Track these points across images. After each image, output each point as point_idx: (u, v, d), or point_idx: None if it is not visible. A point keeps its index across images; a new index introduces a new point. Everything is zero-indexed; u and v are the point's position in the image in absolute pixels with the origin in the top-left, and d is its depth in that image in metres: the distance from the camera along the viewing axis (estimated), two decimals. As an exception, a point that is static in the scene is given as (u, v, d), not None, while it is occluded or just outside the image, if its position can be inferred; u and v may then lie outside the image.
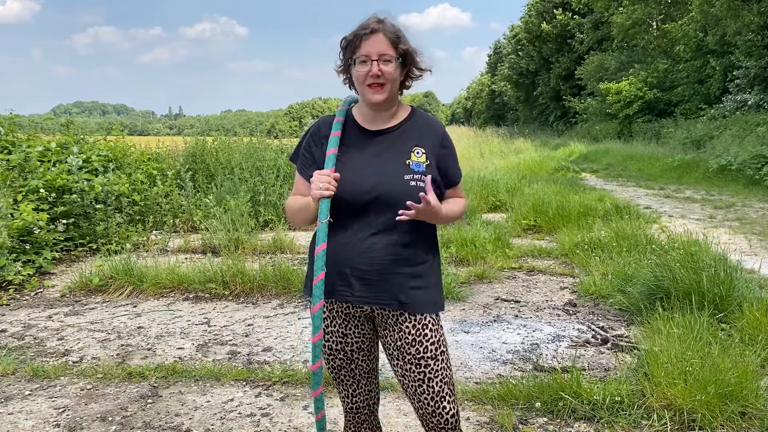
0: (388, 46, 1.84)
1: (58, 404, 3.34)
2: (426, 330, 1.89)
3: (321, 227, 1.80)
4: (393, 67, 1.84)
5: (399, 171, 1.85)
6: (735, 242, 6.80)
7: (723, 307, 4.05)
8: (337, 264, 1.86)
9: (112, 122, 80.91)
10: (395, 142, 1.92)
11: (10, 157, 7.00)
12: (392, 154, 1.89)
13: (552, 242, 7.27)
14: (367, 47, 1.83)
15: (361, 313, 1.93)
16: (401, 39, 1.87)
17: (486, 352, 3.98)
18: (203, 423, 3.10)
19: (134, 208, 7.91)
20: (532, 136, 32.14)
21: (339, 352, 1.98)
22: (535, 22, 40.58)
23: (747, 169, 12.53)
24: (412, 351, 1.89)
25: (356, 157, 1.90)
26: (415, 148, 1.90)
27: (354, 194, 1.83)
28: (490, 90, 60.11)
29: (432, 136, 1.95)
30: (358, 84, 1.87)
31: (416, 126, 1.96)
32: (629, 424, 2.94)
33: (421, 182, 1.84)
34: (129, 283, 5.52)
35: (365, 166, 1.87)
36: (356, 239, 1.85)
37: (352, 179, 1.84)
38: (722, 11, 18.77)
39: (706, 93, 22.69)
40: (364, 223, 1.85)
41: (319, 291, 1.77)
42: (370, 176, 1.84)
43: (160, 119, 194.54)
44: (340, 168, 1.85)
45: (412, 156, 1.89)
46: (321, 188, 1.78)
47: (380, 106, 1.88)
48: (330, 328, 1.97)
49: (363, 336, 1.98)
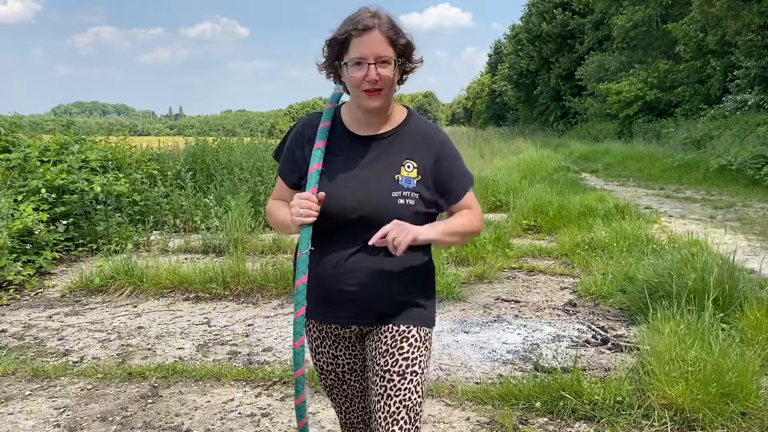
0: (385, 46, 1.62)
1: (59, 404, 3.34)
2: (404, 343, 1.73)
3: (302, 259, 1.65)
4: (392, 69, 1.64)
5: (386, 186, 1.69)
6: (735, 242, 6.80)
7: (723, 307, 4.04)
8: (321, 285, 1.73)
9: (112, 122, 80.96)
10: (386, 151, 1.73)
11: (10, 157, 7.00)
12: (381, 166, 1.72)
13: (552, 242, 7.27)
14: (361, 48, 1.61)
15: (350, 333, 1.82)
16: (399, 34, 1.66)
17: (486, 352, 3.97)
18: (203, 423, 3.10)
19: (134, 208, 7.91)
20: (533, 136, 32.13)
21: (330, 373, 1.90)
22: (536, 22, 40.58)
23: (747, 169, 12.53)
24: (381, 362, 1.73)
25: (342, 167, 1.72)
26: (407, 161, 1.72)
27: (337, 211, 1.68)
28: (490, 90, 60.07)
29: (427, 147, 1.76)
30: (352, 88, 1.68)
31: (411, 134, 1.77)
32: (630, 423, 2.94)
33: (411, 200, 1.68)
34: (129, 283, 5.52)
35: (351, 179, 1.70)
36: (339, 257, 1.71)
37: (336, 194, 1.68)
38: (722, 11, 18.76)
39: (706, 93, 22.68)
40: (348, 239, 1.70)
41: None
42: (355, 191, 1.68)
43: (161, 119, 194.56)
44: (323, 180, 1.70)
45: (402, 170, 1.71)
46: (302, 214, 1.62)
47: (375, 111, 1.71)
48: (320, 348, 1.88)
49: (354, 357, 1.87)
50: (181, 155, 10.56)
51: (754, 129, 15.02)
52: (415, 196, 1.69)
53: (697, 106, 22.29)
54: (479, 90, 67.78)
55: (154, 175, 8.81)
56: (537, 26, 40.42)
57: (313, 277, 1.69)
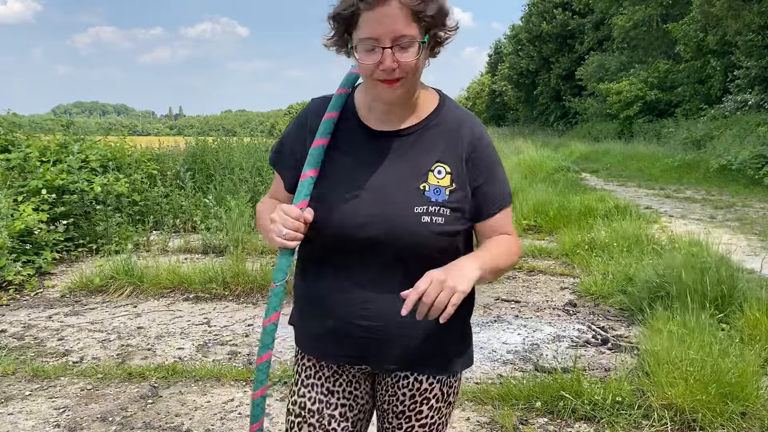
0: (407, 22, 1.19)
1: (58, 404, 3.34)
2: (424, 406, 1.42)
3: (275, 292, 1.33)
4: (415, 52, 1.22)
5: (408, 199, 1.30)
6: (735, 242, 6.80)
7: (723, 307, 4.04)
8: (323, 315, 1.39)
9: (112, 122, 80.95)
10: (410, 152, 1.33)
11: (10, 157, 7.00)
12: (403, 171, 1.32)
13: (552, 242, 7.26)
14: (373, 27, 1.20)
15: (357, 370, 1.46)
16: (427, 1, 1.22)
17: (486, 352, 3.97)
18: (203, 423, 3.09)
19: (134, 209, 7.90)
20: (533, 136, 32.15)
21: (313, 415, 1.42)
22: (536, 22, 40.60)
23: (747, 169, 12.54)
24: (394, 422, 1.45)
25: (351, 171, 1.34)
26: (437, 165, 1.32)
27: (342, 231, 1.31)
28: (490, 90, 60.07)
29: (461, 141, 1.35)
30: (364, 77, 1.30)
31: (443, 128, 1.36)
32: (630, 424, 2.93)
33: (440, 218, 1.29)
34: (129, 283, 5.51)
35: (361, 188, 1.31)
36: (347, 288, 1.35)
37: (340, 208, 1.31)
38: (723, 11, 18.76)
39: (706, 93, 22.68)
40: (359, 266, 1.34)
41: (262, 375, 1.38)
42: (366, 206, 1.30)
43: (160, 119, 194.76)
44: (323, 190, 1.33)
45: (431, 177, 1.31)
46: (283, 235, 1.26)
47: (396, 101, 1.32)
48: (312, 380, 1.45)
49: (354, 399, 1.46)
50: (180, 155, 10.55)
51: (754, 129, 15.03)
52: (445, 212, 1.30)
53: (697, 106, 22.30)
54: (479, 90, 67.79)
55: (154, 175, 8.81)
56: (537, 26, 40.45)
57: (310, 303, 1.40)
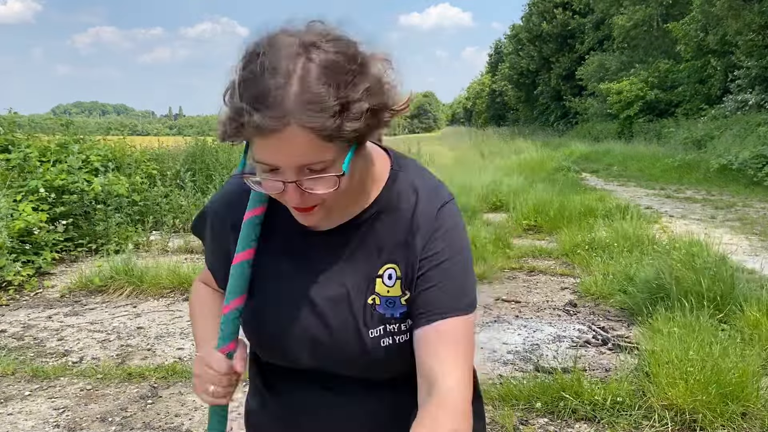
0: (316, 146, 0.80)
1: (58, 405, 3.33)
2: None
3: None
4: (332, 181, 0.84)
5: (354, 321, 0.97)
6: (736, 242, 6.79)
7: (724, 307, 4.04)
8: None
9: (111, 122, 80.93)
10: (356, 252, 0.99)
11: (9, 157, 6.99)
12: (348, 279, 0.99)
13: (552, 242, 7.26)
14: (269, 154, 0.82)
15: None
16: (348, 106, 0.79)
17: (486, 352, 3.97)
18: (203, 423, 3.09)
19: (134, 209, 7.90)
20: (533, 136, 32.19)
21: None
22: (536, 22, 40.62)
23: (748, 169, 12.53)
24: None
25: (280, 284, 1.02)
26: (386, 267, 0.98)
27: (278, 358, 1.06)
28: (490, 90, 60.14)
29: (416, 233, 0.97)
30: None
31: (394, 215, 0.99)
32: (630, 424, 2.93)
33: (402, 335, 0.97)
34: (129, 283, 5.51)
35: (294, 307, 1.00)
36: (306, 403, 1.08)
37: (272, 332, 1.02)
38: (723, 11, 18.76)
39: (707, 93, 22.69)
40: (314, 381, 1.06)
41: None
42: (302, 330, 0.99)
43: (160, 119, 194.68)
44: (257, 305, 1.04)
45: (379, 286, 0.97)
46: (210, 393, 1.03)
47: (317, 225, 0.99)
48: None
49: None
50: (180, 155, 10.56)
51: (754, 129, 15.03)
52: (408, 325, 0.98)
53: (697, 106, 22.32)
54: (479, 90, 67.88)
55: (154, 175, 8.81)
56: (537, 26, 40.47)
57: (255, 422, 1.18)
